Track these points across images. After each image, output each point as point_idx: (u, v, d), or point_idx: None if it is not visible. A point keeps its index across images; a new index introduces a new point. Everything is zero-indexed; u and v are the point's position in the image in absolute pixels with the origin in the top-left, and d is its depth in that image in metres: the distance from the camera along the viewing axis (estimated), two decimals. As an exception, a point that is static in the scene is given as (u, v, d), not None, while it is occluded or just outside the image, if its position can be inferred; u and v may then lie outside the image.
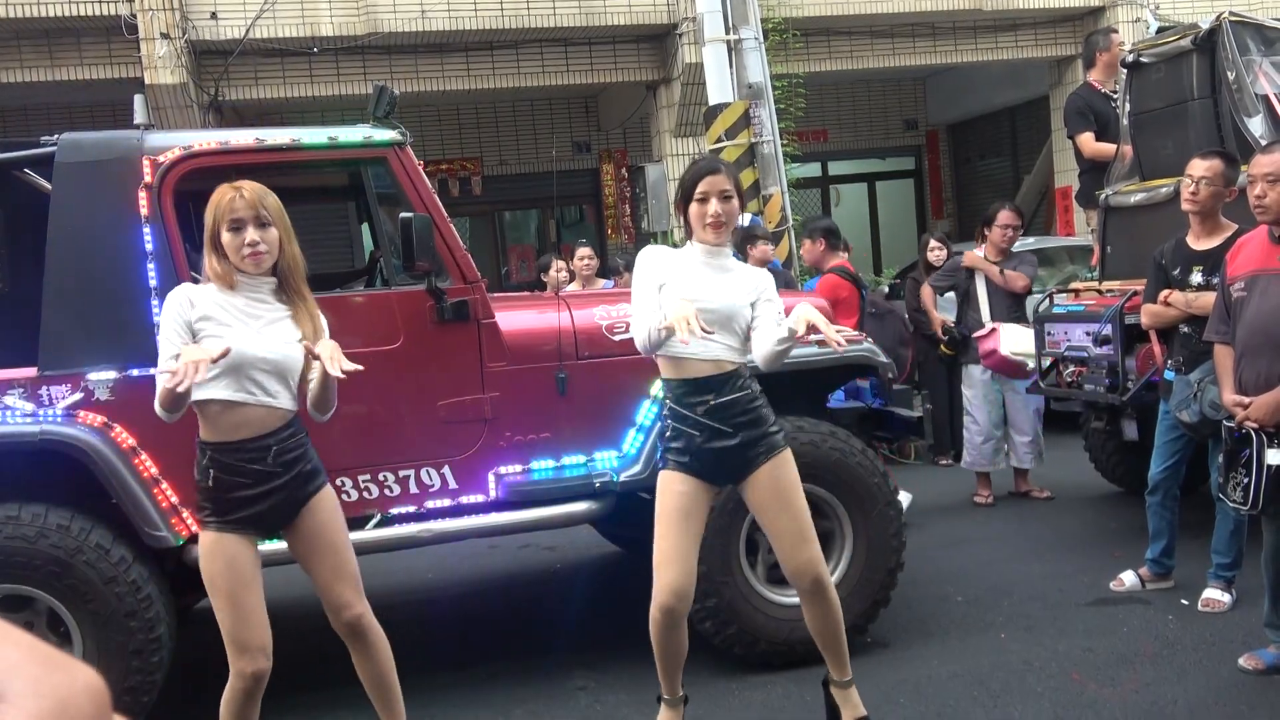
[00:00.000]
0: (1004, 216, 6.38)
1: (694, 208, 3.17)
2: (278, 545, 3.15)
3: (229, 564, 2.86)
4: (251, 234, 2.85)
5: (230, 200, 2.86)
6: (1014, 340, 5.98)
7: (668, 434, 3.20)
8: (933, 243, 7.61)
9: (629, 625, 4.66)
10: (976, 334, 6.23)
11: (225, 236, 2.87)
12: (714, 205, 3.13)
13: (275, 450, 2.88)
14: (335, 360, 2.78)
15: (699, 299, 3.09)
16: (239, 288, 2.91)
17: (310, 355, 2.87)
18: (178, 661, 3.85)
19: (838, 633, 3.27)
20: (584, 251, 7.30)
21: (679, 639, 3.20)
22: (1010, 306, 6.26)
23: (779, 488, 3.16)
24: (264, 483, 2.88)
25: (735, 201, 3.18)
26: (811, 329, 3.01)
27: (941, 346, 6.81)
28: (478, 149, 12.59)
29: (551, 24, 9.83)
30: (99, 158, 3.71)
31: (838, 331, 3.08)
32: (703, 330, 2.86)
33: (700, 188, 3.15)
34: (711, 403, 3.11)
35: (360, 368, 2.80)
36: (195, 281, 3.74)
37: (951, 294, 6.69)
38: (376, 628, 3.06)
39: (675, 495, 3.14)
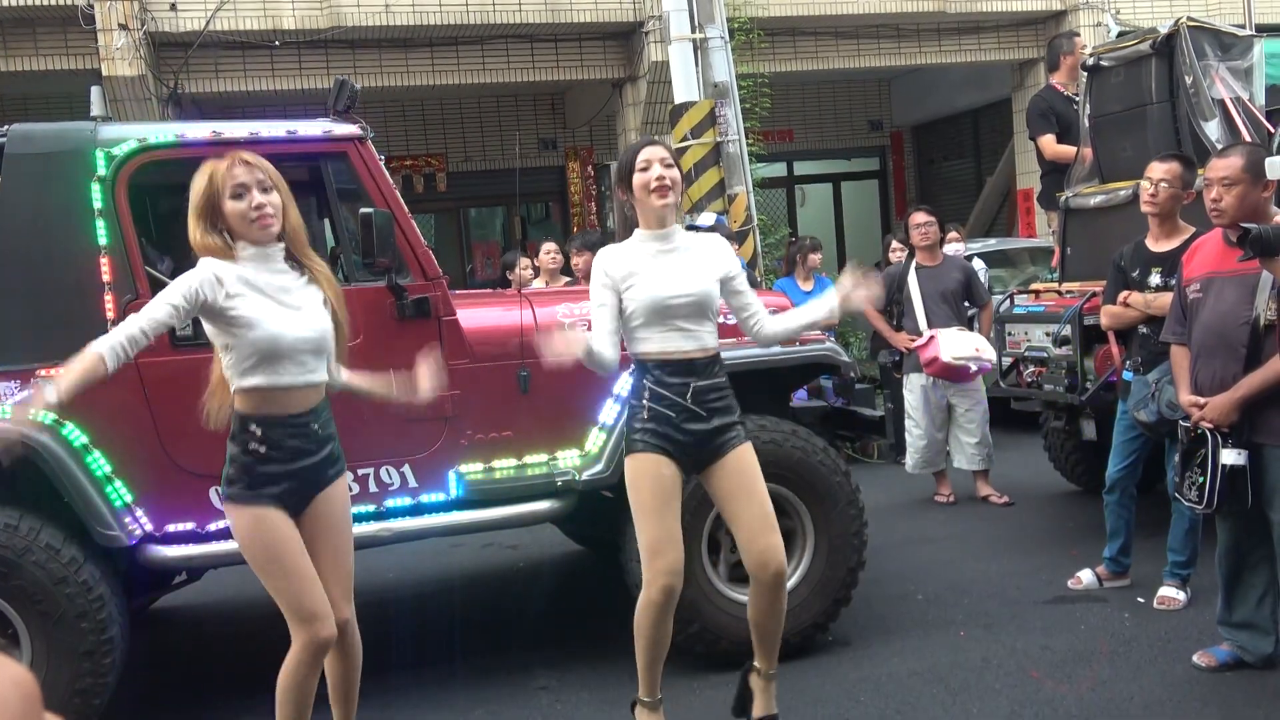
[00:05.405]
0: (915, 217, 6.49)
1: (637, 178, 3.18)
2: None
3: (274, 533, 2.79)
4: (258, 197, 2.78)
5: (229, 167, 2.79)
6: (954, 346, 6.01)
7: (644, 415, 3.15)
8: (895, 244, 7.63)
9: (591, 624, 4.66)
10: (915, 343, 6.24)
11: (229, 205, 2.78)
12: (657, 169, 3.15)
13: (315, 428, 2.86)
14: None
15: (669, 292, 3.11)
16: (249, 260, 2.81)
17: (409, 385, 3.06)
18: (135, 665, 3.78)
19: (779, 626, 3.29)
20: (549, 246, 7.26)
21: (669, 627, 3.19)
22: (948, 312, 6.26)
23: (745, 476, 3.18)
24: (295, 459, 2.83)
25: (677, 172, 3.21)
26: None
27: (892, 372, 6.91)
28: (443, 145, 12.51)
29: (517, 20, 9.79)
30: (51, 150, 3.64)
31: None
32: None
33: (642, 157, 3.18)
34: (693, 385, 3.14)
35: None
36: (150, 277, 3.69)
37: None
38: (356, 635, 3.02)
39: (656, 479, 3.12)
